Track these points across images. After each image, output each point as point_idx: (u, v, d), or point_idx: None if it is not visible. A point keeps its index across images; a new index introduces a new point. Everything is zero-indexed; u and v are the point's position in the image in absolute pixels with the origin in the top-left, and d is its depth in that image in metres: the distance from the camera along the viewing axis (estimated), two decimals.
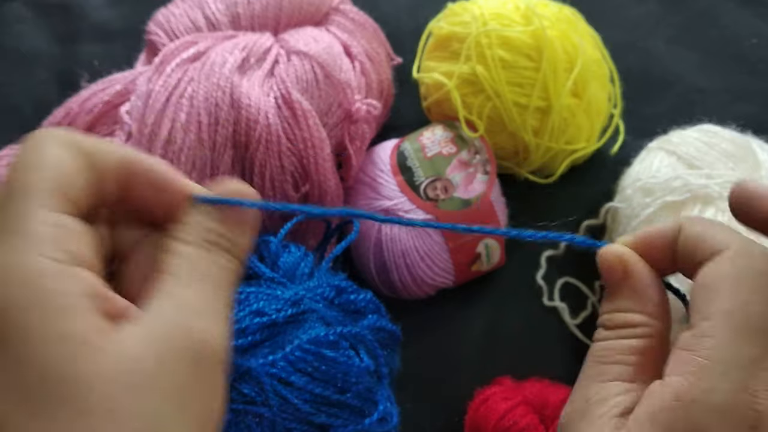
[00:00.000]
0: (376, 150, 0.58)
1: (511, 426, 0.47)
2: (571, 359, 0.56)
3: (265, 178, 0.51)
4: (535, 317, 0.58)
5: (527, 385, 0.51)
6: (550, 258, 0.59)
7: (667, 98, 0.68)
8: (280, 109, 0.51)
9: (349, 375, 0.41)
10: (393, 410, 0.44)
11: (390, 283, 0.55)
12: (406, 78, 0.64)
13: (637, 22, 0.72)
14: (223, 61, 0.51)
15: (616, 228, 0.56)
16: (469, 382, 0.53)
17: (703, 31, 0.72)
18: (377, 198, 0.55)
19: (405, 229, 0.54)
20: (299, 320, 0.42)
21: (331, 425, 0.41)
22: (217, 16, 0.56)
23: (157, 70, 0.52)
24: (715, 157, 0.53)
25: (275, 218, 0.53)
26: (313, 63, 0.54)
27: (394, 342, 0.47)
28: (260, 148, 0.50)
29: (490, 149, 0.57)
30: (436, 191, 0.55)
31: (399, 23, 0.69)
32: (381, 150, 0.58)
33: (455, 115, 0.57)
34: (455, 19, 0.59)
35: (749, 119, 0.58)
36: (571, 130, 0.57)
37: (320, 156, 0.52)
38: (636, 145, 0.59)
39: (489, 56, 0.55)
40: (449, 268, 0.55)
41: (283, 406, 0.40)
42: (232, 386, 0.40)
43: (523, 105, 0.55)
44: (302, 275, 0.46)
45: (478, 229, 0.33)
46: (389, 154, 0.57)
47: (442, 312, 0.58)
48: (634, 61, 0.68)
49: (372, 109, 0.55)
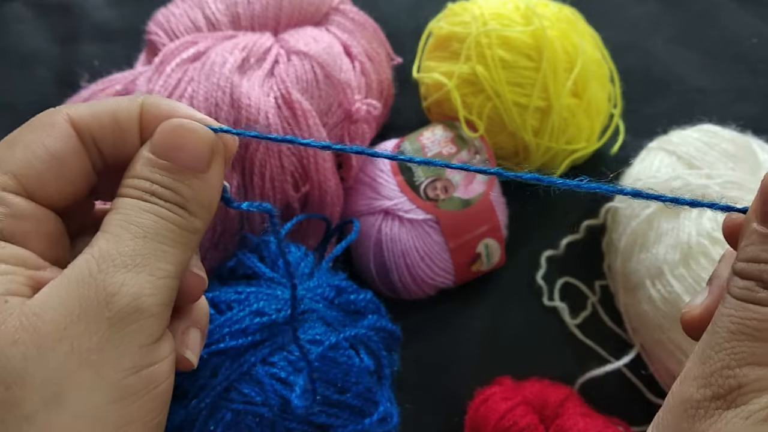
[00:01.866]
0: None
1: (511, 426, 0.47)
2: (571, 359, 0.56)
3: (265, 178, 0.51)
4: (535, 317, 0.58)
5: (527, 385, 0.51)
6: (550, 258, 0.59)
7: (667, 98, 0.68)
8: (280, 109, 0.51)
9: (349, 375, 0.41)
10: (393, 410, 0.44)
11: (390, 283, 0.55)
12: (406, 78, 0.64)
13: (637, 22, 0.72)
14: (223, 61, 0.51)
15: (616, 228, 0.56)
16: (469, 382, 0.53)
17: (703, 31, 0.72)
18: (377, 198, 0.55)
19: (405, 229, 0.54)
20: (299, 320, 0.42)
21: (331, 425, 0.41)
22: (217, 16, 0.56)
23: (157, 70, 0.52)
24: (715, 157, 0.53)
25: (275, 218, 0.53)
26: (313, 63, 0.54)
27: (394, 342, 0.47)
28: (260, 148, 0.50)
29: (490, 149, 0.57)
30: (436, 191, 0.55)
31: (399, 23, 0.69)
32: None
33: (455, 115, 0.57)
34: (455, 19, 0.59)
35: (749, 119, 0.58)
36: (571, 130, 0.57)
37: (320, 156, 0.52)
38: (636, 145, 0.59)
39: (489, 56, 0.55)
40: (449, 268, 0.55)
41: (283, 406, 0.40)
42: (232, 386, 0.40)
43: (523, 105, 0.55)
44: (302, 275, 0.46)
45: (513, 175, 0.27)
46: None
47: (442, 312, 0.58)
48: (634, 61, 0.68)
49: (372, 109, 0.55)
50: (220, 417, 0.40)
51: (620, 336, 0.56)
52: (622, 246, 0.54)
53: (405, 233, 0.54)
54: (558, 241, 0.60)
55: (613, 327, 0.57)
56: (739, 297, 0.22)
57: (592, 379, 0.53)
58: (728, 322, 0.22)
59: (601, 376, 0.53)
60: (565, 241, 0.60)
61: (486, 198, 0.55)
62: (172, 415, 0.40)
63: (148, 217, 0.26)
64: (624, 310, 0.56)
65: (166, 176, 0.27)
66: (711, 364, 0.22)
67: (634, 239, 0.53)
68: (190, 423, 0.40)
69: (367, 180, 0.56)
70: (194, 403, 0.40)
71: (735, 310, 0.22)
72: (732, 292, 0.22)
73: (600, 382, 0.53)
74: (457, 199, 0.54)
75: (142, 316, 0.24)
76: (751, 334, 0.21)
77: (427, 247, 0.54)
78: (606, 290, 0.58)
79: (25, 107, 0.67)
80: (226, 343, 0.40)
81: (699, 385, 0.22)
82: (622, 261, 0.54)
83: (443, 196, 0.54)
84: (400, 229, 0.54)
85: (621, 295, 0.55)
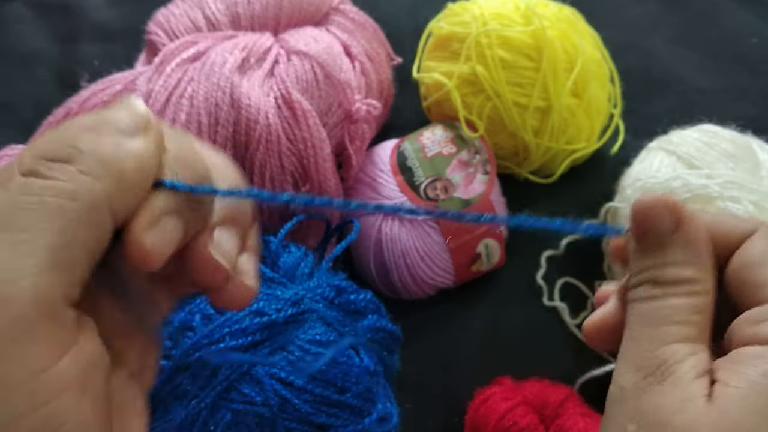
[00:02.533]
0: (376, 150, 0.58)
1: (511, 426, 0.47)
2: (571, 359, 0.56)
3: (265, 178, 0.51)
4: (535, 317, 0.58)
5: (527, 385, 0.51)
6: (550, 258, 0.59)
7: (667, 98, 0.68)
8: (280, 109, 0.51)
9: (349, 375, 0.41)
10: (393, 410, 0.44)
11: (390, 284, 0.55)
12: (406, 78, 0.64)
13: (637, 22, 0.72)
14: (223, 61, 0.51)
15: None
16: (469, 382, 0.53)
17: (703, 31, 0.72)
18: (377, 198, 0.55)
19: (405, 229, 0.54)
20: (299, 320, 0.42)
21: (331, 425, 0.41)
22: (217, 16, 0.56)
23: (157, 70, 0.52)
24: (715, 157, 0.53)
25: (275, 218, 0.53)
26: (313, 63, 0.54)
27: (394, 342, 0.47)
28: (260, 148, 0.50)
29: (490, 149, 0.57)
30: (436, 191, 0.55)
31: (399, 23, 0.69)
32: (381, 150, 0.58)
33: (455, 115, 0.57)
34: (455, 19, 0.59)
35: (749, 119, 0.58)
36: (571, 130, 0.57)
37: (320, 156, 0.52)
38: (636, 145, 0.59)
39: (489, 56, 0.55)
40: (449, 268, 0.55)
41: (283, 406, 0.40)
42: (232, 386, 0.40)
43: (523, 105, 0.55)
44: (302, 275, 0.46)
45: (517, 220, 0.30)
46: (389, 154, 0.57)
47: (442, 312, 0.58)
48: (634, 61, 0.68)
49: (372, 109, 0.55)
50: (220, 417, 0.40)
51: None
52: None
53: (405, 233, 0.54)
54: (558, 241, 0.60)
55: None
56: (640, 298, 0.27)
57: (592, 379, 0.53)
58: (637, 319, 0.26)
59: (601, 376, 0.53)
60: (565, 241, 0.60)
61: (486, 198, 0.55)
62: (172, 415, 0.40)
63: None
64: None
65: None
66: (634, 354, 0.26)
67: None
68: (190, 423, 0.40)
69: (367, 180, 0.56)
70: (194, 403, 0.40)
71: (639, 309, 0.26)
72: (634, 299, 0.27)
73: (600, 382, 0.53)
74: (457, 199, 0.54)
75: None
76: (657, 321, 0.26)
77: (427, 247, 0.54)
78: None
79: (25, 107, 0.67)
80: (226, 343, 0.40)
81: (630, 371, 0.25)
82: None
83: (443, 196, 0.54)
84: (400, 229, 0.54)
85: None
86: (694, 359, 0.25)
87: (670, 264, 0.26)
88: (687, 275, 0.26)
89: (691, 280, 0.26)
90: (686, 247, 0.26)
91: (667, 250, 0.26)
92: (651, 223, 0.26)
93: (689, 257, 0.26)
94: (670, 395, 0.24)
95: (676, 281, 0.26)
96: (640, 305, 0.26)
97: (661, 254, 0.26)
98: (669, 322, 0.25)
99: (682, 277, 0.26)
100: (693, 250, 0.26)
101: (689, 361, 0.25)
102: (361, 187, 0.57)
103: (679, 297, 0.26)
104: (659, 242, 0.26)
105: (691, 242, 0.26)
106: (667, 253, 0.26)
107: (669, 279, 0.26)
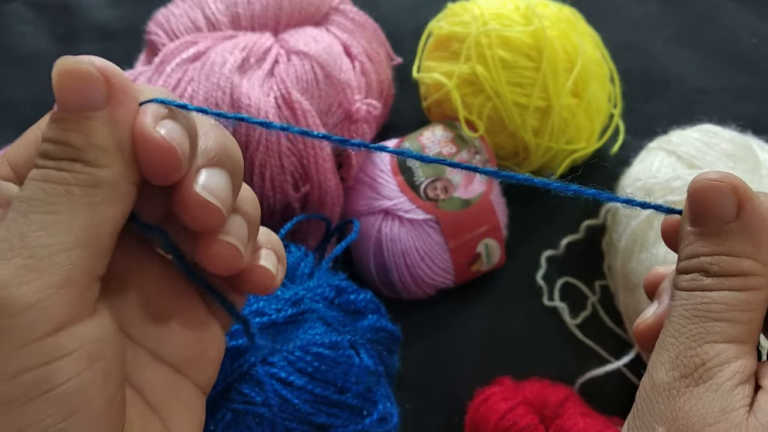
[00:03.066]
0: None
1: (511, 426, 0.47)
2: (571, 359, 0.56)
3: (265, 178, 0.51)
4: (535, 317, 0.58)
5: (527, 385, 0.51)
6: (550, 258, 0.59)
7: (667, 98, 0.68)
8: (280, 109, 0.51)
9: (349, 375, 0.41)
10: (393, 410, 0.44)
11: (390, 284, 0.55)
12: (406, 78, 0.64)
13: (637, 22, 0.72)
14: (223, 61, 0.51)
15: (616, 228, 0.56)
16: (469, 382, 0.53)
17: (703, 31, 0.72)
18: (377, 198, 0.55)
19: (405, 229, 0.54)
20: (299, 320, 0.42)
21: (331, 425, 0.41)
22: (217, 16, 0.56)
23: (157, 70, 0.52)
24: (715, 157, 0.53)
25: (275, 218, 0.53)
26: (313, 63, 0.54)
27: (394, 342, 0.47)
28: (260, 148, 0.50)
29: (490, 149, 0.57)
30: (436, 191, 0.55)
31: (399, 23, 0.69)
32: None
33: (455, 115, 0.57)
34: (455, 19, 0.59)
35: (749, 119, 0.58)
36: (571, 130, 0.57)
37: (320, 156, 0.52)
38: (636, 145, 0.59)
39: (489, 56, 0.55)
40: (449, 268, 0.55)
41: (283, 406, 0.40)
42: (232, 386, 0.40)
43: (523, 105, 0.55)
44: (302, 275, 0.46)
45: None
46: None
47: (442, 312, 0.58)
48: (634, 61, 0.68)
49: (372, 109, 0.55)
50: (220, 417, 0.40)
51: (620, 336, 0.56)
52: (622, 246, 0.54)
53: (405, 233, 0.54)
54: (558, 241, 0.60)
55: (613, 327, 0.57)
56: (687, 288, 0.24)
57: (592, 379, 0.53)
58: (682, 310, 0.24)
59: (601, 376, 0.53)
60: (565, 241, 0.60)
61: (486, 198, 0.55)
62: None
63: (35, 188, 0.22)
64: (624, 310, 0.56)
65: (55, 128, 0.23)
66: (673, 348, 0.24)
67: (634, 239, 0.53)
68: None
69: (367, 180, 0.56)
70: None
71: (686, 300, 0.24)
72: (680, 287, 0.25)
73: (600, 382, 0.53)
74: (457, 199, 0.54)
75: (13, 311, 0.21)
76: (704, 315, 0.24)
77: (427, 247, 0.54)
78: (606, 290, 0.58)
79: (25, 107, 0.67)
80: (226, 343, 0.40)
81: (667, 368, 0.24)
82: (622, 261, 0.54)
83: (443, 196, 0.54)
84: (400, 229, 0.54)
85: (621, 295, 0.55)
86: (738, 364, 0.23)
87: (726, 254, 0.24)
88: (743, 267, 0.23)
89: (747, 273, 0.23)
90: (746, 238, 0.24)
91: (724, 237, 0.24)
92: (710, 208, 0.24)
93: (748, 249, 0.24)
94: (707, 402, 0.22)
95: (729, 273, 0.24)
96: (687, 295, 0.24)
97: (717, 242, 0.24)
98: (716, 318, 0.23)
99: (737, 269, 0.24)
100: (753, 241, 0.24)
101: (732, 365, 0.23)
102: (361, 187, 0.57)
103: (731, 291, 0.23)
104: (715, 230, 0.24)
105: (752, 232, 0.24)
106: (723, 241, 0.24)
107: (722, 270, 0.24)
